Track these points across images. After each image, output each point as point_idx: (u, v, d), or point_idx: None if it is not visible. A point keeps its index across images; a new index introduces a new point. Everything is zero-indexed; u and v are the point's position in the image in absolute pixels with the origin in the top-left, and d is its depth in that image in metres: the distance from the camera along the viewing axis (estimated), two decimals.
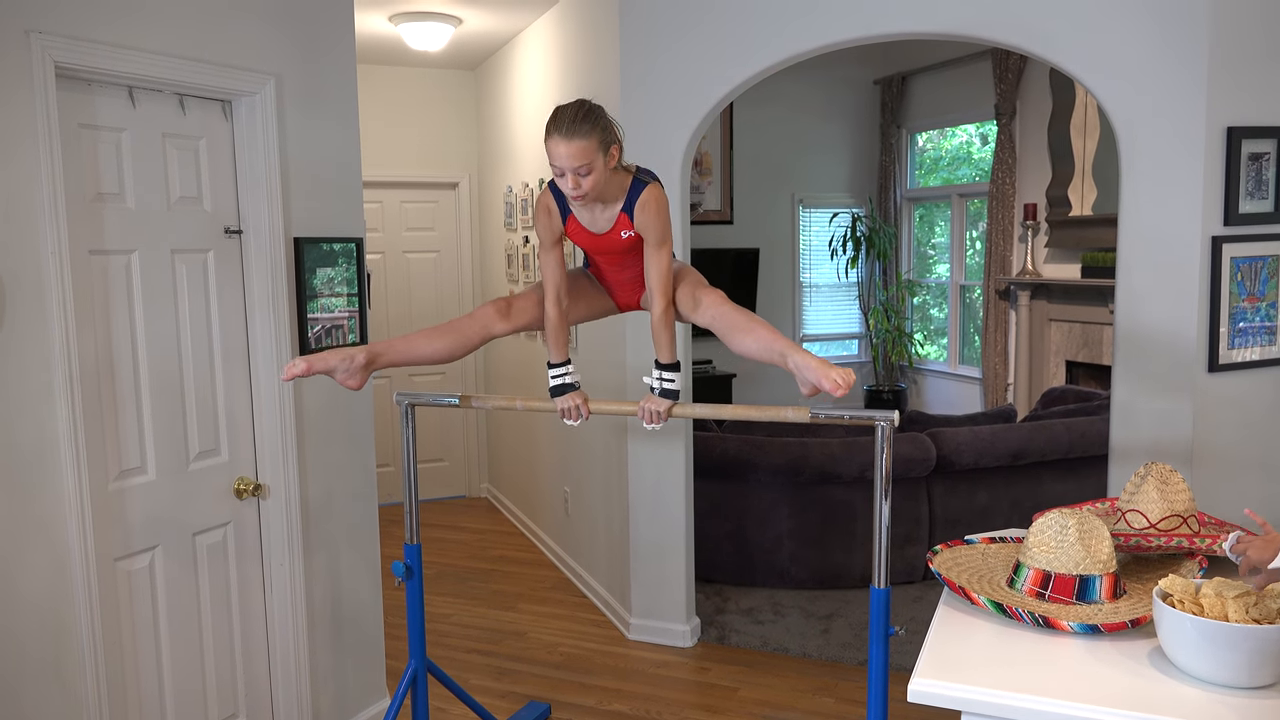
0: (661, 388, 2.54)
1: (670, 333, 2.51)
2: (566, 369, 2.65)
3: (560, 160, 2.31)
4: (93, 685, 2.45)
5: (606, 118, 2.36)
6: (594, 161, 2.31)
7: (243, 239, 2.91)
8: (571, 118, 2.29)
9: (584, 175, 2.32)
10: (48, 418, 2.32)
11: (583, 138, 2.28)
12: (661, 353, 2.53)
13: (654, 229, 2.42)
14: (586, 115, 2.30)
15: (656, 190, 2.43)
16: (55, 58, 2.28)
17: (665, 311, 2.48)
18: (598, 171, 2.33)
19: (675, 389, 2.56)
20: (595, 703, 3.67)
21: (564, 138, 2.28)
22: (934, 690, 1.62)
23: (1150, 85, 3.23)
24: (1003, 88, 6.86)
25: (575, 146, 2.28)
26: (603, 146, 2.32)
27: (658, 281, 2.46)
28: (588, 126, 2.29)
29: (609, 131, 2.35)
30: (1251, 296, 3.31)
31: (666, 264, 2.46)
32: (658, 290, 2.47)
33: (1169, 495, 2.08)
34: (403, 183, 6.31)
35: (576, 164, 2.30)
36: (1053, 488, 4.89)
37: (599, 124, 2.32)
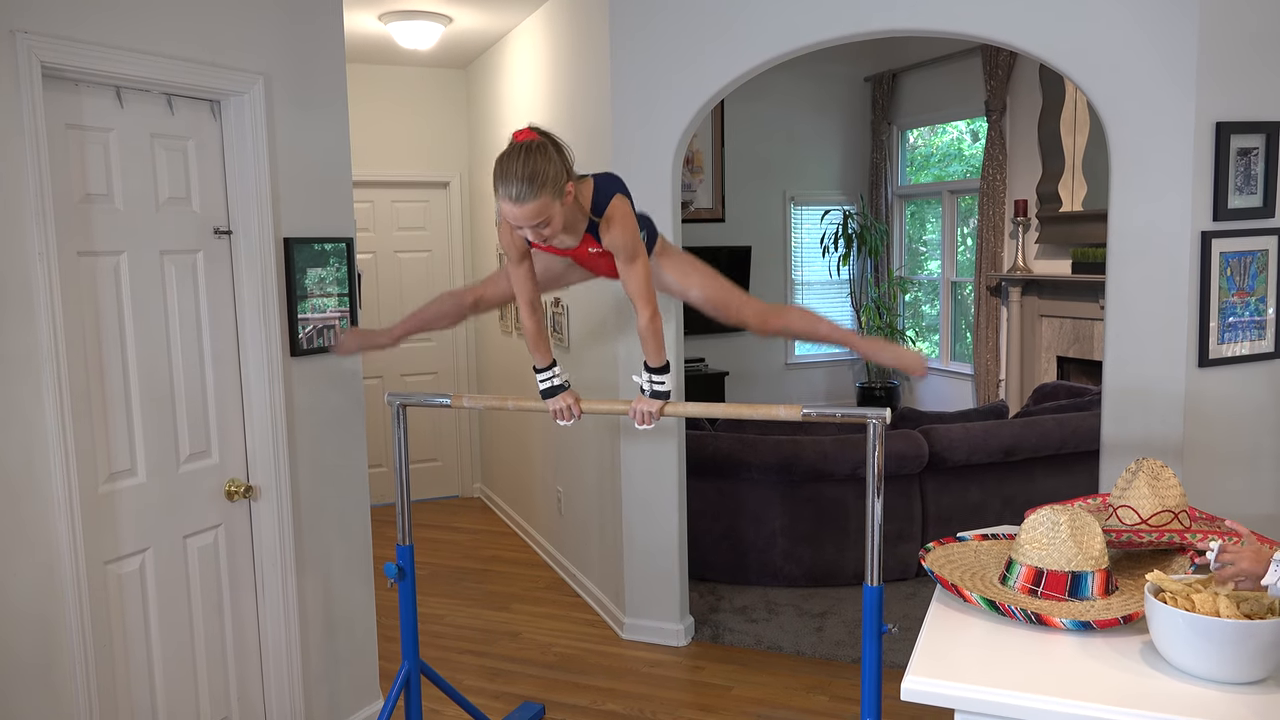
0: (652, 389, 2.53)
1: (658, 339, 2.48)
2: (553, 371, 2.63)
3: (516, 220, 2.23)
4: (83, 689, 2.43)
5: (554, 160, 2.23)
6: (550, 213, 2.23)
7: (232, 239, 2.90)
8: (519, 179, 2.17)
9: (544, 227, 2.25)
10: (36, 420, 2.31)
11: (533, 198, 2.18)
12: (650, 357, 2.51)
13: (622, 245, 2.35)
14: (533, 173, 2.17)
15: (617, 205, 2.35)
16: (41, 58, 2.26)
17: (651, 320, 2.43)
18: (556, 218, 2.25)
19: (666, 390, 2.54)
20: (589, 703, 3.66)
21: (515, 202, 2.19)
22: (927, 688, 1.62)
23: (1139, 81, 3.23)
24: (993, 84, 6.87)
25: (528, 209, 2.20)
26: (556, 194, 2.22)
27: (637, 293, 2.40)
28: (537, 184, 2.18)
29: (560, 177, 2.23)
30: (1241, 291, 3.32)
31: (642, 275, 2.39)
32: (639, 301, 2.41)
33: (1160, 491, 2.08)
34: (393, 182, 6.29)
35: (532, 222, 2.23)
36: (1045, 484, 4.91)
37: (548, 175, 2.19)
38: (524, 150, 2.22)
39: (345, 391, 3.29)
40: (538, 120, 5.00)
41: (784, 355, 8.36)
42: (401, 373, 6.45)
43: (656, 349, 2.49)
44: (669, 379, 2.54)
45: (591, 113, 4.23)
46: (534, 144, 2.23)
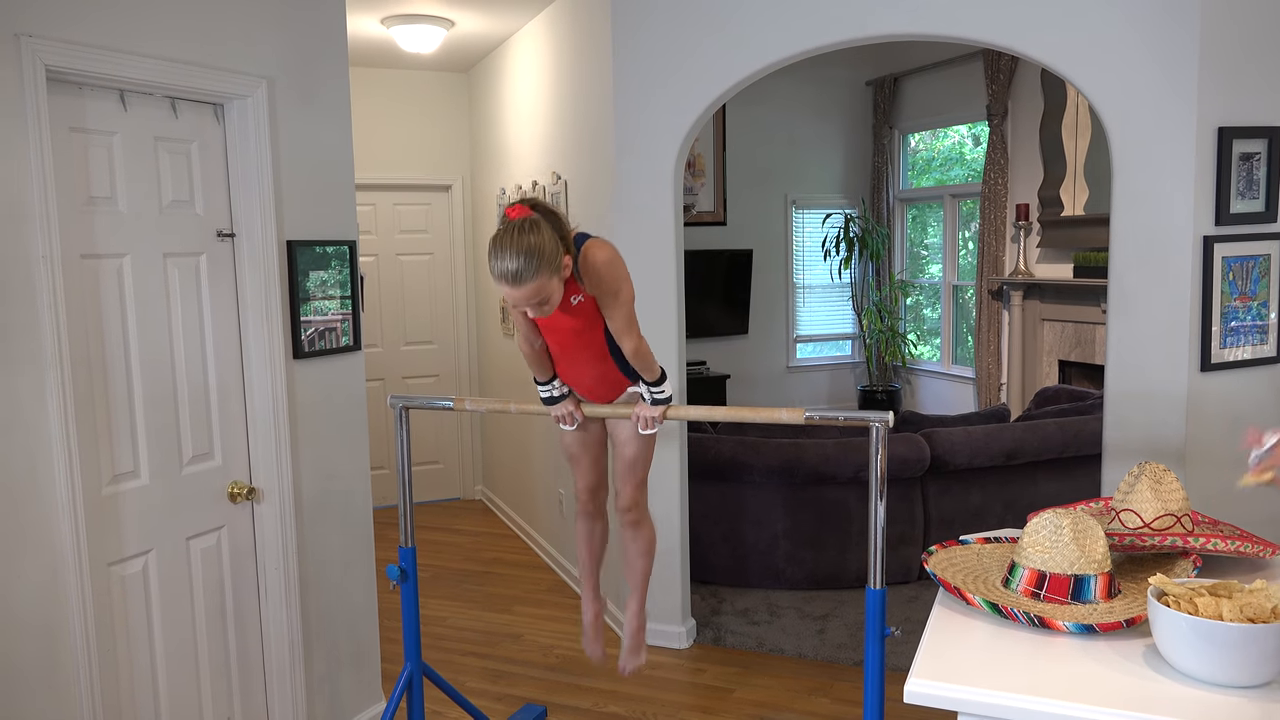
0: (652, 398, 2.53)
1: (648, 358, 2.48)
2: (553, 384, 2.64)
3: (515, 301, 2.22)
4: (86, 690, 2.44)
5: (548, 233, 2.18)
6: (548, 290, 2.20)
7: (235, 242, 2.90)
8: (515, 264, 2.13)
9: (542, 305, 2.24)
10: (40, 422, 2.31)
11: (531, 279, 2.15)
12: (646, 375, 2.51)
13: (605, 287, 2.34)
14: (529, 254, 2.13)
15: (591, 247, 2.32)
16: (46, 61, 2.27)
17: (636, 349, 2.44)
18: (555, 294, 2.23)
19: (666, 396, 2.54)
20: (591, 705, 3.66)
21: (512, 286, 2.16)
22: (930, 691, 1.62)
23: (1142, 85, 3.24)
24: (994, 88, 6.88)
25: (524, 291, 2.17)
26: (553, 272, 2.19)
27: (623, 329, 2.41)
28: (534, 266, 2.14)
29: (555, 252, 2.19)
30: (1243, 296, 3.32)
31: (624, 315, 2.39)
32: (625, 336, 2.42)
33: (1163, 494, 2.08)
34: (396, 185, 6.30)
35: (530, 302, 2.21)
36: (1046, 487, 4.90)
37: (544, 254, 2.15)
38: (517, 229, 2.16)
39: (347, 394, 3.29)
40: (538, 124, 5.02)
41: (786, 358, 8.36)
42: (403, 375, 6.46)
43: (648, 368, 2.50)
44: (667, 386, 2.54)
45: (593, 117, 4.24)
46: (527, 222, 2.18)
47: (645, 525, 2.82)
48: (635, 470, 2.71)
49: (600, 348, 2.50)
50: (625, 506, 2.74)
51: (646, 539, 2.84)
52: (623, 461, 2.71)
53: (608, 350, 2.52)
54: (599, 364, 2.54)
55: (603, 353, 2.52)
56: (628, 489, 2.72)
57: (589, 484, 2.81)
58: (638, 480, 2.73)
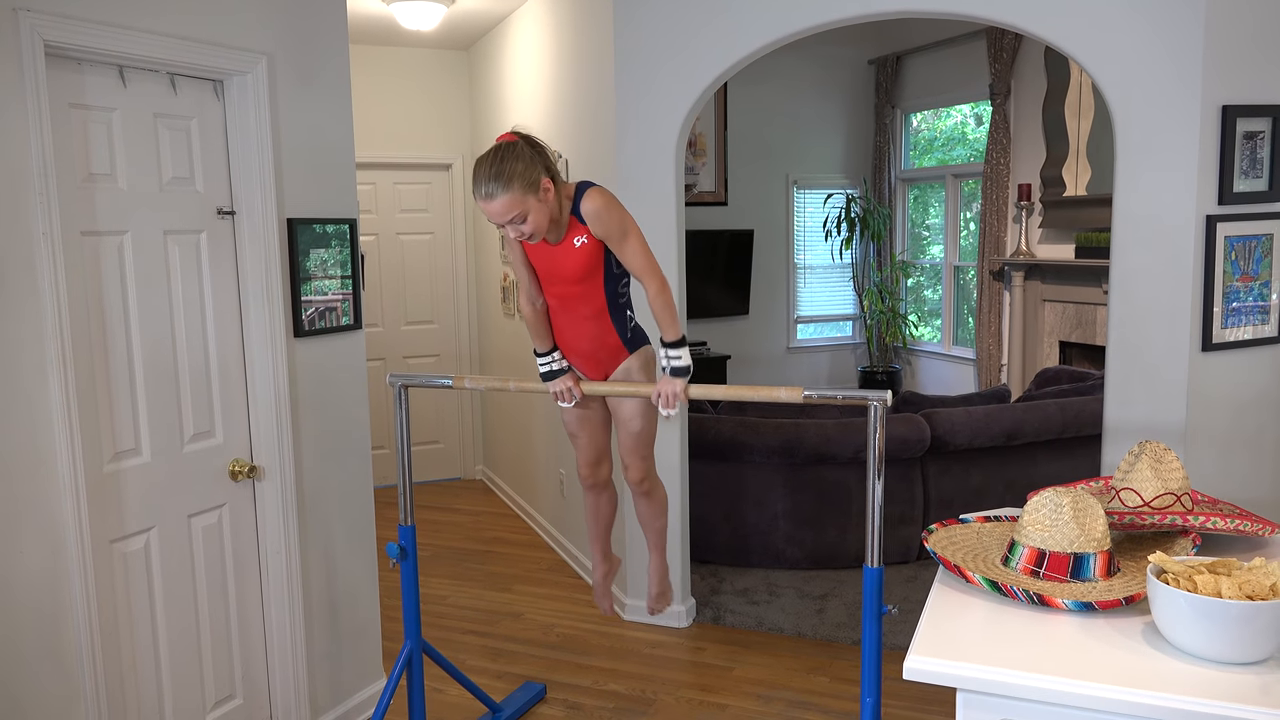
0: (671, 365, 2.52)
1: (669, 310, 2.50)
2: (553, 356, 2.67)
3: (492, 216, 2.34)
4: (89, 667, 2.45)
5: (525, 155, 2.32)
6: (524, 206, 2.32)
7: (235, 220, 2.90)
8: (486, 176, 2.29)
9: (521, 223, 2.34)
10: (41, 399, 2.32)
11: (503, 193, 2.29)
12: (665, 331, 2.51)
13: (611, 228, 2.43)
14: (500, 169, 2.29)
15: (594, 191, 2.43)
16: (44, 36, 2.26)
17: (660, 291, 2.47)
18: (534, 213, 2.34)
19: (685, 365, 2.52)
20: (591, 683, 3.68)
21: (485, 198, 2.30)
22: (930, 667, 1.63)
23: (1145, 64, 3.22)
24: (997, 67, 6.84)
25: (499, 203, 2.30)
26: (528, 189, 2.31)
27: (640, 269, 2.47)
28: (504, 179, 2.28)
29: (530, 170, 2.32)
30: (1245, 276, 3.32)
31: (638, 251, 2.46)
32: (644, 276, 2.47)
33: (1163, 474, 2.08)
34: (396, 164, 6.28)
35: (507, 217, 2.33)
36: (1047, 468, 4.91)
37: (516, 171, 2.29)
38: (495, 151, 2.34)
39: (348, 373, 3.29)
40: (539, 102, 5.00)
41: (786, 339, 8.36)
42: (403, 355, 6.46)
43: (670, 321, 2.50)
44: (686, 353, 2.53)
45: (594, 95, 4.22)
46: (507, 145, 2.35)
47: (656, 490, 2.90)
48: (640, 446, 2.77)
49: (599, 302, 2.53)
50: (636, 480, 2.82)
51: (659, 502, 2.93)
52: (628, 438, 2.75)
53: (606, 307, 2.53)
54: (596, 322, 2.56)
55: (601, 309, 2.54)
56: (635, 463, 2.79)
57: (589, 459, 2.87)
58: (643, 454, 2.79)
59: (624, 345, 2.62)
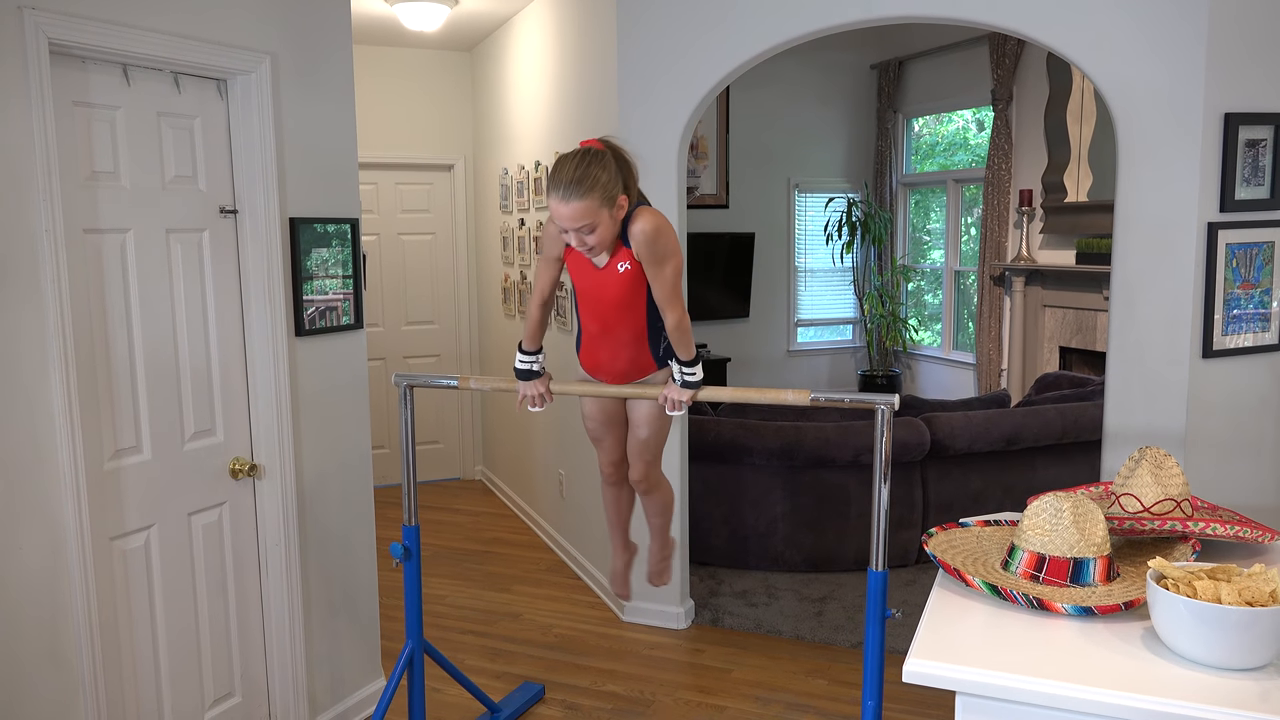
0: (683, 380, 2.54)
1: (686, 337, 2.51)
2: (537, 358, 2.66)
3: (561, 220, 2.26)
4: (88, 664, 2.45)
5: (611, 168, 2.26)
6: (597, 217, 2.25)
7: (238, 219, 2.90)
8: (569, 178, 2.21)
9: (588, 233, 2.27)
10: (42, 396, 2.32)
11: (580, 199, 2.21)
12: (682, 352, 2.53)
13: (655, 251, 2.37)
14: (585, 174, 2.21)
15: (646, 214, 2.37)
16: (49, 34, 2.26)
17: (678, 324, 2.47)
18: (603, 227, 2.27)
19: (698, 380, 2.55)
20: (589, 684, 3.68)
21: (562, 199, 2.22)
22: (929, 671, 1.63)
23: (1148, 70, 3.22)
24: (999, 73, 6.85)
25: (574, 208, 2.22)
26: (606, 202, 2.25)
27: (666, 298, 2.44)
28: (586, 186, 2.21)
29: (613, 184, 2.26)
30: (1246, 283, 3.32)
31: (671, 282, 2.42)
32: (668, 306, 2.45)
33: (1163, 479, 2.08)
34: (398, 164, 6.29)
35: (578, 224, 2.25)
36: (1046, 473, 4.91)
37: (599, 180, 2.23)
38: (581, 154, 2.26)
39: (349, 372, 3.30)
40: (542, 104, 5.00)
41: (786, 342, 8.36)
42: (405, 355, 6.46)
43: (686, 346, 2.52)
44: (699, 369, 2.56)
45: (597, 97, 4.22)
46: (594, 151, 2.28)
47: (659, 488, 2.92)
48: (645, 451, 2.79)
49: (640, 326, 2.52)
50: (637, 479, 2.85)
51: (662, 498, 2.96)
52: (637, 442, 2.78)
53: (646, 330, 2.53)
54: (635, 346, 2.56)
55: (641, 332, 2.53)
56: (639, 465, 2.82)
57: (612, 459, 2.90)
58: (649, 458, 2.81)
59: (655, 361, 2.62)
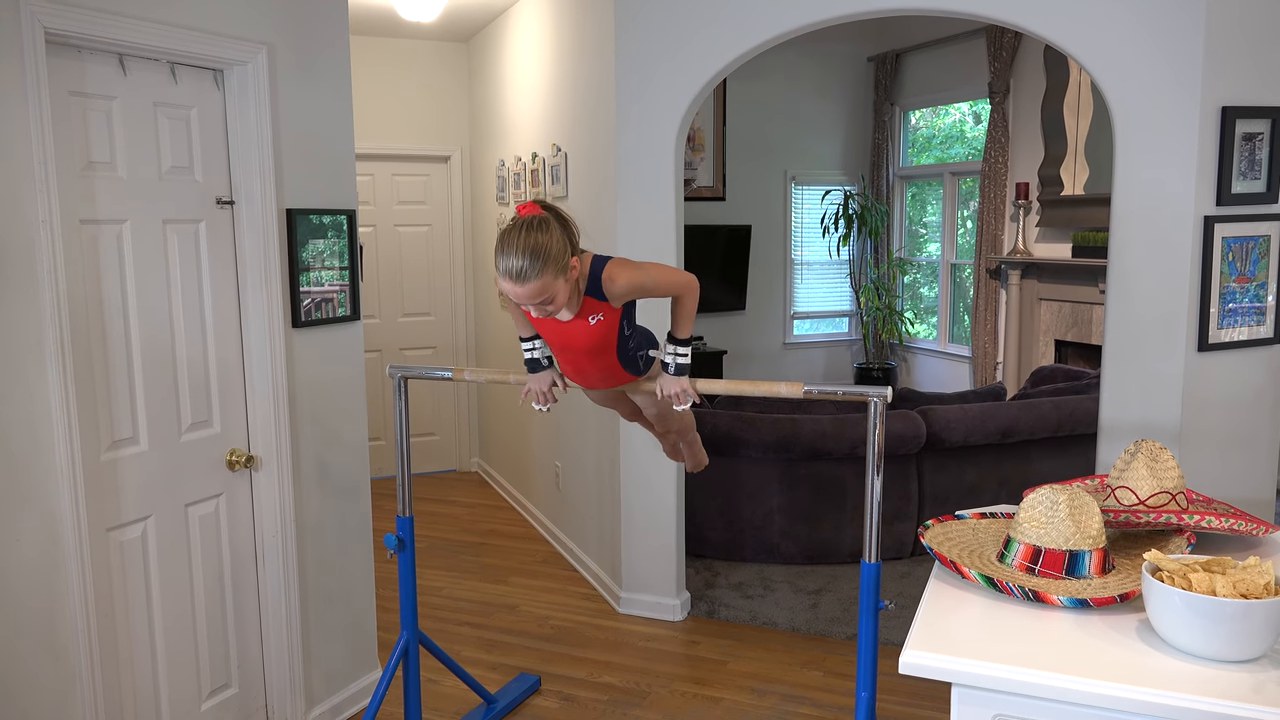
0: (675, 363, 2.51)
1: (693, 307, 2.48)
2: (535, 343, 2.61)
3: (518, 299, 2.20)
4: (85, 655, 2.45)
5: (556, 233, 2.17)
6: (553, 290, 2.18)
7: (235, 210, 2.89)
8: (520, 262, 2.12)
9: (547, 304, 2.23)
10: (39, 387, 2.31)
11: (535, 278, 2.14)
12: (681, 329, 2.49)
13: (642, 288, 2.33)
14: (534, 252, 2.12)
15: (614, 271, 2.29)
16: (45, 24, 2.25)
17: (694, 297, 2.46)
18: (560, 294, 2.21)
19: (687, 363, 2.53)
20: (585, 675, 3.69)
21: (516, 282, 2.15)
22: (925, 662, 1.63)
23: (1145, 64, 3.23)
24: (997, 66, 6.85)
25: (529, 289, 2.16)
26: (559, 272, 2.17)
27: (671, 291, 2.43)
28: (539, 264, 2.13)
29: (562, 252, 2.17)
30: (1242, 277, 3.33)
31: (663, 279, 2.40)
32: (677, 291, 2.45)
33: (1158, 472, 2.09)
34: (394, 155, 6.27)
35: (534, 300, 2.20)
36: (1041, 465, 4.93)
37: (550, 253, 2.14)
38: (525, 227, 2.16)
39: (346, 364, 3.29)
40: (539, 96, 4.99)
41: (782, 335, 8.37)
42: (401, 347, 6.45)
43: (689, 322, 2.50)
44: (689, 352, 2.55)
45: (594, 89, 4.22)
46: (538, 220, 2.17)
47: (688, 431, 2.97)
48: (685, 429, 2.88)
49: (611, 362, 2.49)
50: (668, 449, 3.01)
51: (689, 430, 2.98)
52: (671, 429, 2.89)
53: (619, 364, 2.51)
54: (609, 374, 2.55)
55: (613, 365, 2.50)
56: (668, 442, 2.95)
57: (628, 415, 2.97)
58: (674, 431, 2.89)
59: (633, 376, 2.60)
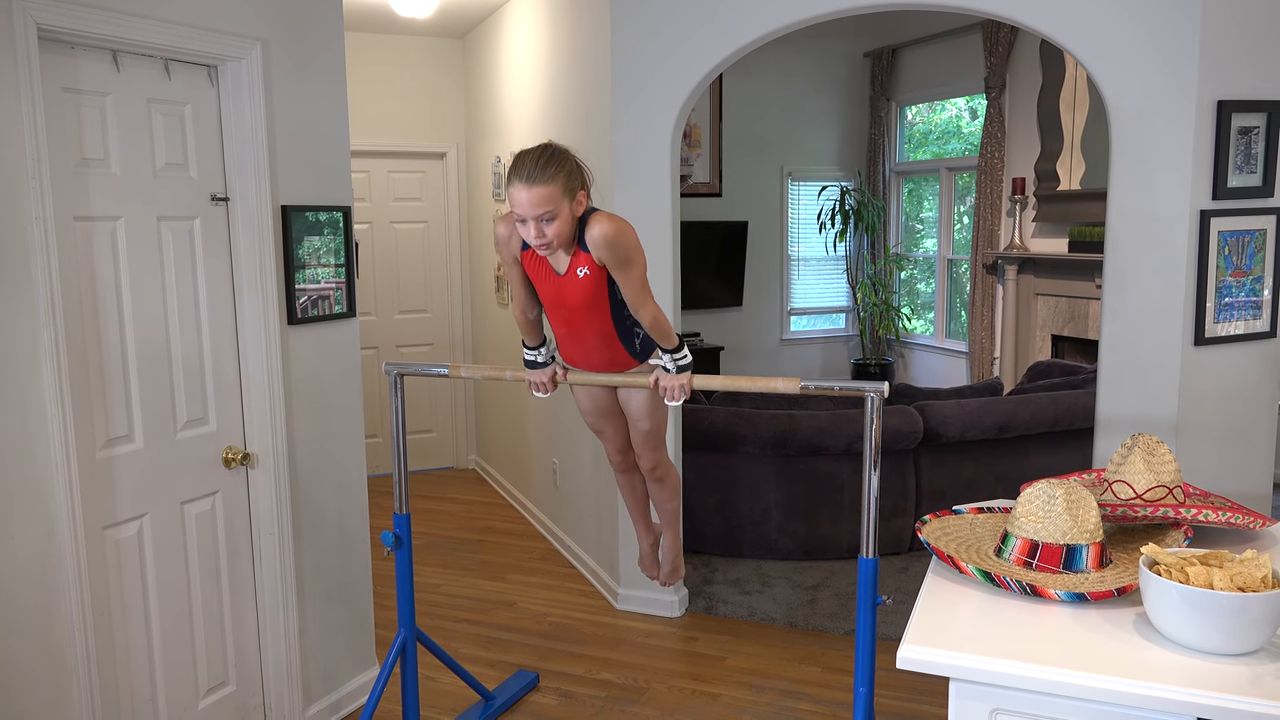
0: (677, 365, 2.56)
1: (663, 330, 2.52)
2: (540, 350, 2.69)
3: (522, 207, 2.25)
4: (82, 654, 2.44)
5: (573, 161, 2.30)
6: (558, 208, 2.25)
7: (229, 206, 2.88)
8: (533, 163, 2.23)
9: (547, 222, 2.26)
10: (33, 385, 2.31)
11: (545, 183, 2.22)
12: (664, 343, 2.54)
13: (617, 254, 2.35)
14: (549, 159, 2.24)
15: (602, 218, 2.35)
16: (37, 19, 2.24)
17: (653, 322, 2.48)
18: (562, 218, 2.27)
19: (688, 363, 2.57)
20: (584, 672, 3.69)
21: (525, 184, 2.22)
22: (923, 657, 1.63)
23: (1141, 58, 3.22)
24: (993, 61, 6.84)
25: (537, 193, 2.22)
26: (568, 192, 2.26)
27: (634, 299, 2.44)
28: (551, 171, 2.23)
29: (575, 176, 2.28)
30: (1238, 271, 3.33)
31: (638, 281, 2.41)
32: (640, 306, 2.45)
33: (1155, 466, 2.09)
34: (390, 152, 6.26)
35: (539, 211, 2.24)
36: (1038, 460, 4.93)
37: (563, 168, 2.25)
38: (543, 147, 2.30)
39: (342, 361, 3.29)
40: (535, 92, 4.98)
41: (779, 331, 8.37)
42: (397, 344, 6.45)
43: (666, 336, 2.53)
44: (686, 350, 2.59)
45: (590, 85, 4.21)
46: (555, 146, 2.32)
47: (669, 476, 2.96)
48: (650, 440, 2.83)
49: (607, 328, 2.52)
50: (648, 469, 2.91)
51: (672, 486, 3.00)
52: (639, 434, 2.81)
53: (614, 331, 2.53)
54: (606, 345, 2.56)
55: (609, 333, 2.54)
56: (647, 455, 2.87)
57: (618, 447, 2.94)
58: (654, 445, 2.85)
59: (634, 358, 2.63)
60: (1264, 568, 1.62)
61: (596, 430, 2.91)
